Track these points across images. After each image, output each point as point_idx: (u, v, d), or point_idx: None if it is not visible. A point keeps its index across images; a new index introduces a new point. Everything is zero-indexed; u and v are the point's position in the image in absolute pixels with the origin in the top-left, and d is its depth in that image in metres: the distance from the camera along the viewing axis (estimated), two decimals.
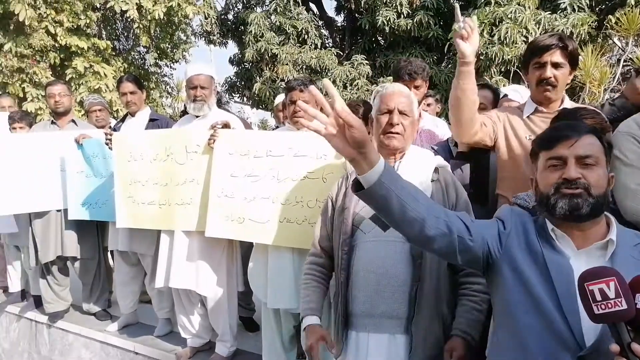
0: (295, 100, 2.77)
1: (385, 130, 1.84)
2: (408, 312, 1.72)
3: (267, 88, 9.27)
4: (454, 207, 1.82)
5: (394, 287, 1.72)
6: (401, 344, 1.72)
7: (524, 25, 7.16)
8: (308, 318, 1.88)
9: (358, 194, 1.24)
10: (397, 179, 1.24)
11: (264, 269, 2.67)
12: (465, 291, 1.77)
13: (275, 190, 2.65)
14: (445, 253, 1.38)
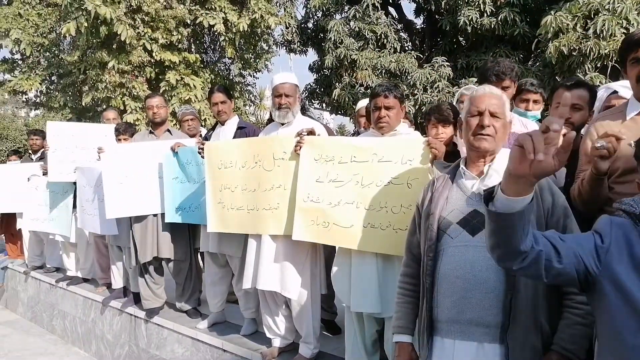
0: (380, 106, 2.77)
1: (475, 132, 1.80)
2: (502, 320, 1.65)
3: (346, 94, 9.35)
4: (549, 212, 1.73)
5: (483, 294, 1.67)
6: (493, 353, 1.66)
7: (624, 16, 6.62)
8: (397, 336, 1.94)
9: (489, 212, 1.20)
10: (531, 213, 1.20)
11: (348, 273, 2.70)
12: (568, 302, 1.68)
13: (359, 196, 2.67)
14: (529, 276, 1.33)
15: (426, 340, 1.80)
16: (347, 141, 2.94)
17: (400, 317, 1.97)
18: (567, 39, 6.85)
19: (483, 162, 1.83)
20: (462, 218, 1.75)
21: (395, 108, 2.75)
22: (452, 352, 1.71)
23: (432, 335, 1.81)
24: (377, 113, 2.78)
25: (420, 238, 1.93)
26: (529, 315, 1.65)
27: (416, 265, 1.95)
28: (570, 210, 1.76)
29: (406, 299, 1.98)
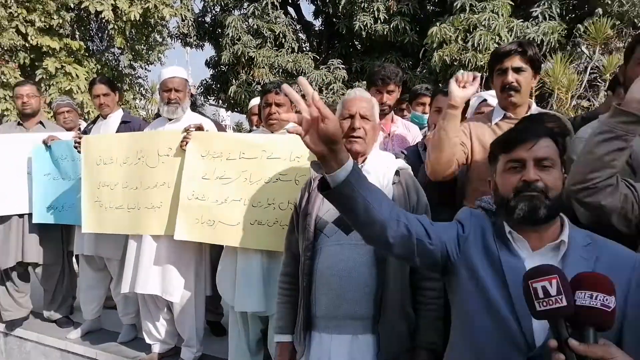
0: (270, 102, 2.78)
1: (347, 135, 1.87)
2: (374, 313, 1.75)
3: (242, 91, 9.23)
4: (414, 209, 1.87)
5: (357, 289, 1.75)
6: (366, 343, 1.76)
7: (496, 32, 7.31)
8: (278, 336, 1.98)
9: (324, 194, 1.24)
10: (363, 180, 1.23)
11: (233, 272, 2.65)
12: (422, 299, 1.83)
13: (247, 193, 2.63)
14: (403, 256, 1.38)
15: (303, 336, 1.84)
16: (236, 138, 2.89)
17: (281, 317, 1.99)
18: (450, 50, 7.40)
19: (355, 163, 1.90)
20: (337, 217, 1.82)
21: (286, 105, 2.77)
22: (329, 346, 1.77)
23: (309, 330, 1.85)
24: (267, 110, 2.77)
25: (298, 237, 1.96)
26: (397, 306, 1.77)
27: (296, 264, 1.98)
28: (429, 208, 1.93)
29: (286, 299, 2.00)
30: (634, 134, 1.44)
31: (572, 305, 1.00)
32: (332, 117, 1.12)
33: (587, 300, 1.00)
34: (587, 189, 1.48)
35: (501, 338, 1.26)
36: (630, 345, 1.18)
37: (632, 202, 1.50)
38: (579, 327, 1.01)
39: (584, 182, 1.49)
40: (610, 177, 1.47)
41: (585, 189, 1.49)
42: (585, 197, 1.50)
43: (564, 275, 1.03)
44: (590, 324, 1.00)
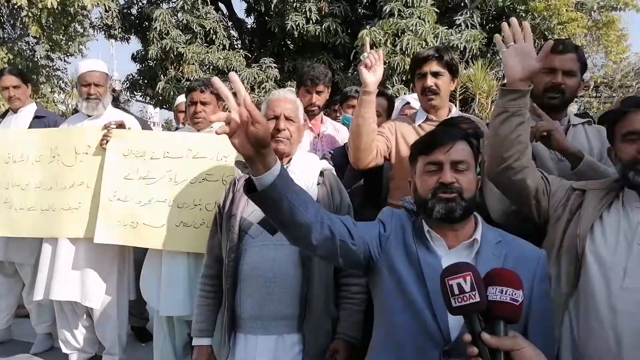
0: (195, 101, 2.74)
1: (272, 135, 1.86)
2: (299, 312, 1.78)
3: (171, 87, 8.93)
4: (338, 208, 1.91)
5: (283, 289, 1.77)
6: (291, 342, 1.78)
7: (423, 37, 7.62)
8: (197, 339, 1.95)
9: (249, 196, 1.22)
10: (290, 183, 1.23)
11: (157, 276, 2.58)
12: (345, 293, 1.88)
13: (172, 193, 2.56)
14: (327, 257, 1.41)
15: (228, 339, 1.83)
16: (160, 136, 2.82)
17: (200, 320, 1.96)
18: None
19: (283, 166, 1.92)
20: (263, 218, 1.82)
21: (211, 104, 2.73)
22: (254, 348, 1.77)
23: (234, 332, 1.84)
24: (192, 108, 2.73)
25: (222, 239, 1.94)
26: (322, 304, 1.80)
27: (218, 266, 1.97)
28: (352, 209, 1.98)
29: (207, 301, 1.98)
30: (526, 106, 1.57)
31: (485, 301, 1.05)
32: (262, 121, 1.11)
33: (497, 295, 1.06)
34: (510, 167, 1.59)
35: (419, 333, 1.32)
36: (534, 333, 1.30)
37: (544, 191, 1.63)
38: (491, 321, 1.06)
39: (503, 162, 1.60)
40: (522, 157, 1.58)
41: (508, 168, 1.59)
42: (512, 176, 1.61)
43: (478, 272, 1.09)
44: (500, 317, 1.06)
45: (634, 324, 1.37)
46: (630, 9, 9.28)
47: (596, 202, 1.55)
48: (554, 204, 1.62)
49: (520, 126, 1.57)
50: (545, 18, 8.45)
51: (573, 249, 1.51)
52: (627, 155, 1.49)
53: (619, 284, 1.41)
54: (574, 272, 1.50)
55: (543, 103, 2.04)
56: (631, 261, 1.42)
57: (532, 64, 1.53)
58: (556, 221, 1.61)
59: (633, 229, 1.46)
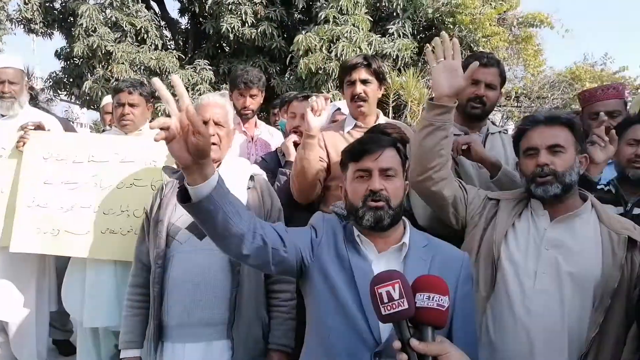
0: (123, 102, 2.65)
1: None
2: (228, 317, 1.75)
3: (99, 87, 8.51)
4: (269, 213, 1.92)
5: (211, 294, 1.74)
6: (220, 349, 1.75)
7: (357, 45, 7.78)
8: (125, 351, 1.88)
9: (184, 206, 1.18)
10: (226, 194, 1.21)
11: (81, 285, 2.46)
12: (275, 301, 1.87)
13: (97, 199, 2.46)
14: (259, 266, 1.40)
15: (154, 348, 1.78)
16: (85, 139, 2.69)
17: (128, 331, 1.89)
18: (315, 58, 7.69)
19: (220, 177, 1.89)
20: (191, 223, 1.78)
21: (140, 106, 2.65)
22: (182, 356, 1.73)
23: (162, 342, 1.79)
24: (120, 110, 2.64)
25: (149, 246, 1.89)
26: (252, 309, 1.79)
27: (145, 274, 1.91)
28: (283, 213, 1.99)
29: (135, 311, 1.91)
30: (450, 121, 1.69)
31: (413, 307, 1.08)
32: (204, 131, 1.07)
33: (425, 302, 1.08)
34: (430, 178, 1.70)
35: (351, 336, 1.35)
36: (458, 332, 1.36)
37: (461, 199, 1.74)
38: (419, 327, 1.09)
39: (424, 172, 1.70)
40: (442, 169, 1.69)
41: (428, 178, 1.70)
42: (431, 187, 1.71)
43: (406, 279, 1.11)
44: (428, 323, 1.08)
45: (544, 324, 1.49)
46: (546, 26, 10.04)
47: (509, 210, 1.67)
48: (471, 212, 1.74)
49: (444, 140, 1.67)
50: (471, 31, 8.92)
51: (490, 254, 1.62)
52: (527, 169, 1.62)
53: (531, 286, 1.53)
54: (491, 276, 1.60)
55: (466, 112, 2.16)
56: (541, 265, 1.54)
57: (458, 81, 1.62)
58: (473, 228, 1.72)
59: (541, 235, 1.59)
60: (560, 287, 1.52)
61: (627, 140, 2.07)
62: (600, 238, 1.56)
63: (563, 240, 1.56)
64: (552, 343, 1.49)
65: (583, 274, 1.52)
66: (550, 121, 1.61)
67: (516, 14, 10.25)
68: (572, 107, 8.52)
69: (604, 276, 1.51)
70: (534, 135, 1.62)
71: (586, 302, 1.51)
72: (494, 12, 9.17)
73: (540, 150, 1.59)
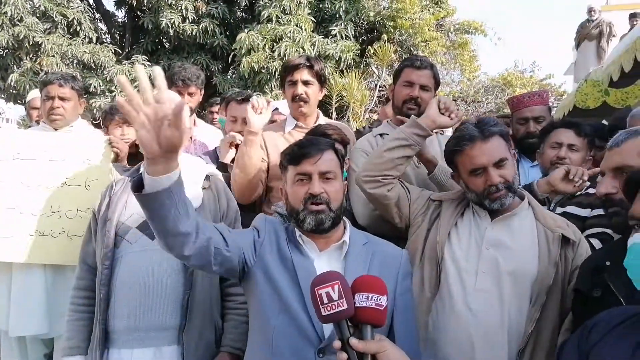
0: (53, 95, 2.52)
1: None
2: (180, 322, 1.70)
3: (26, 80, 8.00)
4: (225, 214, 1.88)
5: (163, 297, 1.68)
6: (170, 355, 1.69)
7: (301, 45, 7.82)
8: (68, 358, 1.77)
9: (138, 196, 1.15)
10: (182, 190, 1.19)
11: (7, 292, 2.29)
12: (230, 304, 1.84)
13: (24, 199, 2.30)
14: (201, 265, 1.39)
15: (99, 355, 1.69)
16: (9, 135, 2.50)
17: (71, 337, 1.79)
18: (258, 57, 7.65)
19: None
20: (142, 222, 1.72)
21: (72, 100, 2.53)
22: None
23: (107, 348, 1.71)
24: (49, 104, 2.51)
25: (96, 247, 1.81)
26: (205, 313, 1.74)
27: (92, 277, 1.82)
28: (239, 214, 1.96)
29: (79, 315, 1.81)
30: (420, 145, 1.80)
31: (353, 307, 1.10)
32: (183, 128, 1.06)
33: (364, 302, 1.11)
34: (378, 182, 1.76)
35: (294, 334, 1.36)
36: (399, 326, 1.40)
37: (404, 199, 1.80)
38: (359, 326, 1.11)
39: (375, 177, 1.76)
40: (392, 178, 1.77)
41: (375, 181, 1.76)
42: (372, 189, 1.77)
43: (345, 280, 1.14)
44: (367, 322, 1.11)
45: (484, 321, 1.55)
46: (480, 33, 10.55)
47: (451, 211, 1.73)
48: (414, 212, 1.79)
49: (407, 159, 1.79)
50: (411, 35, 9.20)
51: (434, 254, 1.67)
52: (478, 188, 1.62)
53: (472, 285, 1.59)
54: (436, 276, 1.65)
55: (401, 113, 2.23)
56: (481, 264, 1.60)
57: (446, 120, 1.82)
58: (417, 228, 1.77)
59: (482, 235, 1.65)
60: (500, 286, 1.57)
61: (550, 143, 2.20)
62: (536, 236, 1.63)
63: (502, 240, 1.62)
64: (492, 339, 1.54)
65: (521, 272, 1.58)
66: (487, 136, 1.60)
67: (453, 21, 10.70)
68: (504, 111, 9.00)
69: (540, 273, 1.57)
70: (475, 154, 1.60)
71: (524, 299, 1.57)
72: (432, 18, 9.52)
73: (489, 168, 1.58)
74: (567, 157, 2.13)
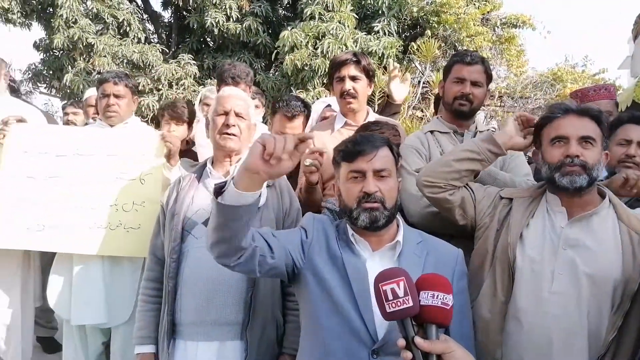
0: (108, 93, 2.60)
1: (221, 131, 1.82)
2: (243, 318, 1.72)
3: (80, 80, 8.33)
4: (287, 212, 1.89)
5: (226, 293, 1.71)
6: (233, 350, 1.71)
7: (343, 42, 7.77)
8: (140, 347, 1.84)
9: (218, 204, 1.18)
10: (257, 210, 1.22)
11: (68, 282, 2.39)
12: (291, 304, 1.84)
13: (83, 193, 2.40)
14: (244, 272, 1.42)
15: (167, 345, 1.74)
16: (69, 131, 2.62)
17: (142, 327, 1.85)
18: (300, 55, 7.65)
19: (229, 161, 1.88)
20: (208, 218, 1.73)
21: (126, 97, 2.61)
22: (195, 354, 1.70)
23: (174, 339, 1.75)
24: (105, 101, 2.59)
25: (164, 239, 1.85)
26: (267, 310, 1.76)
27: (160, 269, 1.87)
28: (302, 213, 1.95)
29: (150, 306, 1.87)
30: (491, 162, 1.74)
31: (418, 305, 1.08)
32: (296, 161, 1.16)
33: (429, 300, 1.09)
34: (438, 187, 1.72)
35: (347, 335, 1.34)
36: (454, 328, 1.33)
37: (469, 200, 1.74)
38: (423, 325, 1.09)
39: (437, 183, 1.71)
40: (455, 188, 1.73)
41: (436, 187, 1.72)
42: (433, 194, 1.73)
43: (410, 277, 1.11)
44: (432, 321, 1.08)
45: (562, 325, 1.47)
46: (528, 27, 10.16)
47: (523, 210, 1.64)
48: (480, 212, 1.72)
49: (472, 173, 1.74)
50: (455, 30, 8.97)
51: (505, 257, 1.59)
52: (553, 158, 1.57)
53: (548, 288, 1.51)
54: (508, 279, 1.58)
55: (452, 110, 2.17)
56: (558, 266, 1.51)
57: (520, 141, 1.74)
58: (485, 230, 1.69)
59: (558, 234, 1.55)
60: (578, 289, 1.48)
61: (618, 140, 2.09)
62: (619, 238, 1.52)
63: (581, 240, 1.52)
64: (571, 344, 1.47)
65: (601, 275, 1.48)
66: (582, 112, 1.57)
67: (499, 15, 10.35)
68: None
69: (624, 278, 1.46)
70: (564, 124, 1.57)
71: (604, 304, 1.47)
72: (478, 12, 9.25)
73: (571, 140, 1.53)
74: (637, 154, 2.00)
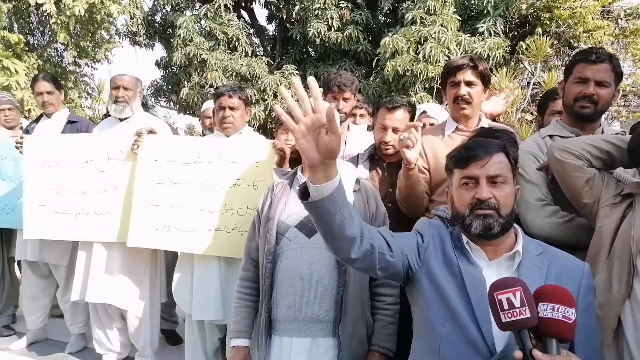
0: (224, 106, 2.76)
1: None
2: (334, 315, 1.78)
3: (195, 93, 9.03)
4: (373, 217, 1.92)
5: (318, 292, 1.78)
6: (326, 346, 1.78)
7: (446, 45, 7.57)
8: (235, 340, 1.95)
9: (305, 203, 1.21)
10: (344, 195, 1.22)
11: (190, 280, 2.59)
12: (379, 304, 1.88)
13: (203, 198, 2.59)
14: (365, 269, 1.40)
15: (265, 340, 1.84)
16: (191, 141, 2.84)
17: (238, 322, 1.97)
18: (402, 60, 7.59)
19: None
20: (300, 222, 1.84)
21: (240, 109, 2.75)
22: (289, 349, 1.78)
23: (270, 334, 1.85)
24: (221, 113, 2.75)
25: (259, 242, 1.96)
26: (357, 309, 1.81)
27: (255, 269, 1.98)
28: (388, 217, 1.98)
29: (244, 303, 1.99)
30: None
31: (536, 317, 1.03)
32: (338, 133, 1.10)
33: (549, 312, 1.04)
34: (572, 154, 1.71)
35: (463, 344, 1.30)
36: (580, 347, 1.26)
37: (598, 178, 1.69)
38: (542, 338, 1.04)
39: (574, 151, 1.71)
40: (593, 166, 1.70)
41: (571, 153, 1.71)
42: (565, 158, 1.72)
43: (527, 287, 1.06)
44: (552, 335, 1.03)
45: None
46: None
47: None
48: (605, 197, 1.65)
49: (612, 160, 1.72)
50: (570, 26, 8.31)
51: (626, 250, 1.50)
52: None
53: None
54: (627, 274, 1.49)
55: (573, 112, 2.02)
56: None
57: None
58: (605, 218, 1.61)
59: None
60: None
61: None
62: None
63: None
64: None
65: None
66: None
67: (623, 5, 9.39)
68: None
69: None
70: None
71: None
72: (598, 4, 8.47)
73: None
74: None
